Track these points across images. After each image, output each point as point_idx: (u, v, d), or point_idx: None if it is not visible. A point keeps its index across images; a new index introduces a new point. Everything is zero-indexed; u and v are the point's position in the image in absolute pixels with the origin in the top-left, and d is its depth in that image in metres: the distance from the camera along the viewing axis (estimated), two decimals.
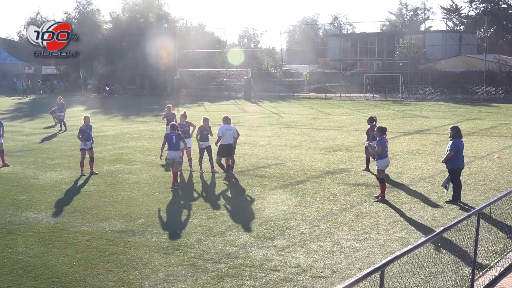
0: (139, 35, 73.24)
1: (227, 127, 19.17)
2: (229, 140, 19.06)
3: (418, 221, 14.06)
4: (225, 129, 19.10)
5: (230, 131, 19.17)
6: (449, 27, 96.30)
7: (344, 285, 6.08)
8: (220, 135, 18.98)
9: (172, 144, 18.01)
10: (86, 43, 75.20)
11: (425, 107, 50.76)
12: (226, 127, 19.18)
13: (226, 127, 19.17)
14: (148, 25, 78.24)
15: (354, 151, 25.00)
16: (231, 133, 19.21)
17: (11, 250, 12.15)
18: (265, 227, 13.72)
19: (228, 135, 19.06)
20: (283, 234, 13.19)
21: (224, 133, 18.98)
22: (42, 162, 23.22)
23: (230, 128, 19.22)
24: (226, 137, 19.01)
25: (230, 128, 19.22)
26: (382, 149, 15.91)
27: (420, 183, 18.44)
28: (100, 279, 10.49)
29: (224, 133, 18.98)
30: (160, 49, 73.05)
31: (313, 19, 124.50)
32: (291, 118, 41.71)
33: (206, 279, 10.44)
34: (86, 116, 21.00)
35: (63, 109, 35.78)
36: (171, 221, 14.35)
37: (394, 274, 9.45)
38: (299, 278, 10.45)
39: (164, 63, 73.64)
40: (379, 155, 16.03)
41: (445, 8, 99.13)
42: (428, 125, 35.42)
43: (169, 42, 74.30)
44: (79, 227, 13.87)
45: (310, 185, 18.19)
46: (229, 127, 19.24)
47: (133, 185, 18.54)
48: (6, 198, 16.88)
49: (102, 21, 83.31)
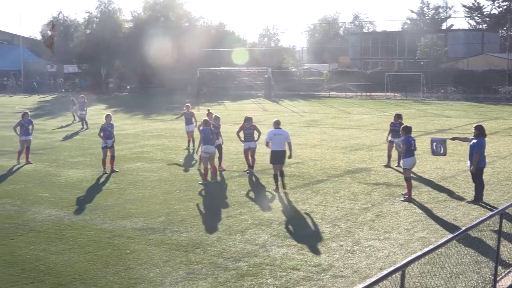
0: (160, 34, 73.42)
1: (276, 132, 17.53)
2: (280, 146, 17.38)
3: (440, 221, 13.98)
4: (274, 134, 17.46)
5: (280, 136, 17.46)
6: (471, 25, 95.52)
7: (365, 284, 6.05)
8: (268, 140, 17.52)
9: (209, 139, 18.34)
10: (107, 42, 75.69)
11: (447, 106, 50.40)
12: (275, 131, 17.54)
13: (275, 131, 17.54)
14: (168, 24, 78.45)
15: (374, 150, 24.89)
16: (282, 138, 17.46)
17: (33, 247, 12.26)
18: (285, 226, 13.72)
19: (278, 140, 17.38)
20: (303, 233, 13.18)
21: (273, 139, 17.39)
22: (64, 160, 23.41)
23: (280, 133, 17.51)
24: (276, 143, 17.36)
25: (280, 133, 17.51)
26: (407, 148, 15.89)
27: (442, 182, 18.32)
28: (121, 276, 10.55)
29: (272, 139, 17.40)
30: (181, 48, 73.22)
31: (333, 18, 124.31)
32: (311, 117, 41.63)
33: (226, 278, 10.46)
34: (108, 115, 21.14)
35: (85, 107, 36.05)
36: (191, 219, 14.39)
37: (415, 274, 9.40)
38: (319, 277, 10.44)
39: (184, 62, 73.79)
40: (404, 154, 16.04)
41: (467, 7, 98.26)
42: (449, 125, 35.17)
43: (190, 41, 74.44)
44: (101, 224, 13.96)
45: (331, 184, 18.15)
46: (279, 131, 17.55)
47: (153, 183, 18.63)
48: (29, 195, 17.04)
49: (123, 20, 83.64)
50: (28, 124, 22.74)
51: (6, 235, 13.13)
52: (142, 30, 75.74)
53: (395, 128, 20.77)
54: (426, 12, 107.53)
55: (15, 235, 13.14)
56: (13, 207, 15.66)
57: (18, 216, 14.76)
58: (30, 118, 23.09)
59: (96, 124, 36.40)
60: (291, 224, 13.85)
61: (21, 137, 22.55)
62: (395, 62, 77.89)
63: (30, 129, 22.94)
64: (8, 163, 22.50)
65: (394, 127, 20.85)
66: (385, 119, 37.84)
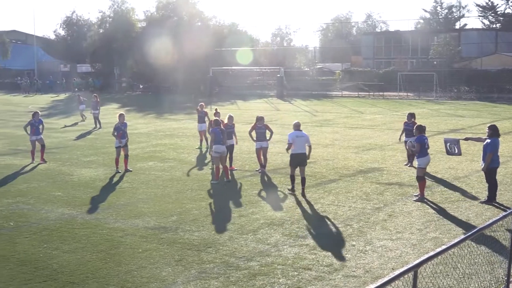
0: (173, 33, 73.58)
1: (297, 134, 17.10)
2: (301, 148, 16.99)
3: (452, 221, 13.92)
4: (295, 136, 17.01)
5: (301, 138, 17.04)
6: (485, 25, 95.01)
7: (377, 284, 6.04)
8: (291, 142, 17.00)
9: (220, 139, 18.47)
10: (120, 41, 75.96)
11: (460, 106, 50.16)
12: (297, 133, 17.11)
13: (296, 133, 17.10)
14: (181, 24, 78.61)
15: (387, 150, 24.82)
16: (303, 140, 17.06)
17: (47, 245, 12.33)
18: (297, 225, 13.71)
19: (299, 142, 16.97)
20: (315, 232, 13.17)
21: (295, 140, 16.95)
22: (77, 159, 23.52)
23: (301, 135, 17.11)
24: (298, 145, 16.96)
25: (301, 135, 17.11)
26: (421, 147, 15.87)
27: (455, 182, 18.25)
28: (133, 275, 10.59)
29: (294, 140, 16.95)
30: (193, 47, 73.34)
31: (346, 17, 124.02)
32: (323, 117, 41.58)
33: (238, 277, 10.47)
34: (121, 114, 21.22)
35: (98, 107, 36.19)
36: (204, 218, 14.41)
37: (428, 275, 9.38)
38: (331, 277, 10.42)
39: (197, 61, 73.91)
40: (419, 153, 16.03)
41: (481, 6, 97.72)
42: (462, 124, 35.01)
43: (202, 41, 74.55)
44: (113, 223, 14.02)
45: (343, 184, 18.12)
46: (300, 133, 17.14)
47: (166, 183, 18.68)
48: (42, 194, 17.13)
49: (136, 19, 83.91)
50: (38, 124, 22.81)
51: (19, 234, 13.21)
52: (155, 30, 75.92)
53: (408, 128, 20.80)
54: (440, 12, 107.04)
55: (28, 233, 13.22)
56: (26, 206, 15.76)
57: (31, 215, 14.85)
58: (40, 118, 23.16)
59: (109, 123, 36.54)
60: (303, 224, 13.84)
61: (31, 137, 22.67)
62: (408, 61, 77.63)
63: (41, 129, 22.97)
64: (21, 162, 22.63)
65: (408, 126, 20.87)
66: (398, 118, 37.73)
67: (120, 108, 51.42)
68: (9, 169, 21.22)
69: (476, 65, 66.01)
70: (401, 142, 22.14)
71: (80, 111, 40.37)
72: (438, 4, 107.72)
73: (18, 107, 53.28)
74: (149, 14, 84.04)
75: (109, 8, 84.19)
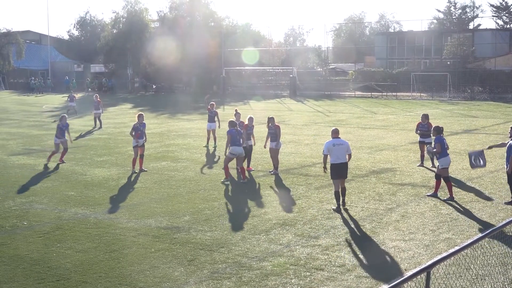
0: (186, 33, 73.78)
1: (335, 142, 15.35)
2: (340, 157, 15.23)
3: (465, 222, 13.86)
4: (333, 144, 15.30)
5: (340, 146, 15.31)
6: (499, 25, 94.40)
7: (390, 285, 6.03)
8: (326, 153, 15.43)
9: (236, 140, 18.59)
10: (133, 41, 76.24)
11: (473, 107, 49.93)
12: (335, 141, 15.37)
13: (334, 141, 15.36)
14: (194, 24, 78.77)
15: (400, 150, 24.75)
16: (343, 148, 15.32)
17: (60, 245, 12.39)
18: (309, 226, 13.71)
19: (338, 151, 15.24)
20: (327, 233, 13.16)
21: (332, 150, 15.22)
22: (90, 158, 23.61)
23: (340, 143, 15.39)
24: (337, 154, 15.20)
25: (340, 143, 15.39)
26: (441, 146, 15.93)
27: (468, 183, 18.17)
28: (146, 275, 10.62)
29: (332, 150, 15.23)
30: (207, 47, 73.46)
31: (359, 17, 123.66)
32: (336, 117, 41.51)
33: (251, 277, 10.48)
34: (140, 114, 21.29)
35: (100, 107, 36.20)
36: (216, 218, 14.43)
37: (440, 276, 9.35)
38: (344, 278, 10.41)
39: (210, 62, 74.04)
40: (440, 154, 16.00)
41: (495, 6, 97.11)
42: (476, 125, 34.85)
43: (215, 41, 74.67)
44: (126, 223, 14.06)
45: (355, 184, 18.08)
46: (338, 141, 15.41)
47: (179, 183, 18.72)
48: (56, 194, 17.21)
49: (149, 19, 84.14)
50: (65, 128, 22.70)
51: (33, 233, 13.29)
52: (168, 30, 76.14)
53: (423, 129, 20.78)
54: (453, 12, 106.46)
55: (42, 233, 13.29)
56: (40, 205, 15.84)
57: (45, 214, 14.93)
58: (67, 122, 23.04)
59: (121, 123, 36.73)
60: (315, 224, 13.83)
61: (56, 140, 22.56)
62: (421, 61, 77.33)
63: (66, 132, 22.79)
64: (35, 162, 22.76)
65: (422, 128, 20.83)
66: (411, 119, 37.62)
67: (133, 108, 51.61)
68: (23, 169, 21.34)
69: (489, 65, 65.66)
70: (413, 142, 22.05)
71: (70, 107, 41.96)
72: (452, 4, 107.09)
73: (32, 107, 53.56)
74: (162, 15, 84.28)
75: (123, 8, 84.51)
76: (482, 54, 71.10)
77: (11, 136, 31.24)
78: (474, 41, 74.99)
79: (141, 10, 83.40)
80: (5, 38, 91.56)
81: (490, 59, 66.78)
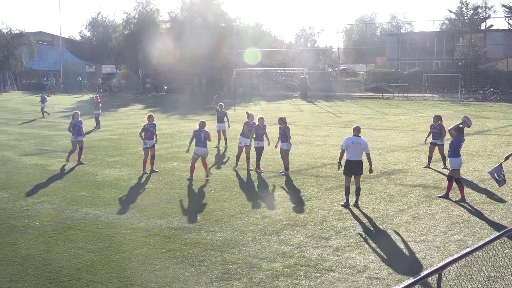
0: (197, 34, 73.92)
1: (353, 140, 15.46)
2: (356, 155, 15.41)
3: (477, 224, 13.80)
4: (351, 141, 15.41)
5: (358, 145, 15.40)
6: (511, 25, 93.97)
7: (400, 287, 6.01)
8: (344, 148, 15.50)
9: (201, 141, 19.11)
10: (145, 42, 76.45)
11: (485, 108, 49.73)
12: (353, 139, 15.48)
13: (353, 139, 15.48)
14: (205, 25, 78.91)
15: (411, 151, 24.68)
16: (359, 147, 15.42)
17: (71, 245, 12.43)
18: (320, 227, 13.69)
19: (354, 149, 15.37)
20: (338, 234, 13.14)
21: (349, 147, 15.35)
22: (101, 159, 23.68)
23: (358, 141, 15.46)
24: (352, 152, 15.38)
25: (358, 141, 15.46)
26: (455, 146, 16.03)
27: (480, 185, 18.09)
28: (157, 275, 10.64)
29: (349, 147, 15.36)
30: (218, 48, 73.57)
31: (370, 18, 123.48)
32: (347, 118, 41.45)
33: (261, 278, 10.48)
34: (150, 115, 21.31)
35: (99, 107, 36.30)
36: (227, 219, 14.44)
37: (452, 277, 9.32)
38: (355, 279, 10.39)
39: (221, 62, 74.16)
40: (451, 154, 15.93)
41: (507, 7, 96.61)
42: (488, 126, 34.70)
43: (226, 41, 74.76)
44: (137, 223, 14.10)
45: (366, 186, 18.04)
46: (357, 139, 15.48)
47: (189, 183, 18.73)
48: (67, 194, 17.28)
49: (160, 20, 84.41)
50: (80, 124, 22.71)
51: (44, 233, 13.34)
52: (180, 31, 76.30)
53: (435, 131, 20.77)
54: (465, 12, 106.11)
55: (53, 233, 13.34)
56: (51, 206, 15.91)
57: (56, 214, 14.99)
58: (80, 119, 23.04)
59: (132, 124, 36.82)
60: (326, 225, 13.80)
61: (72, 138, 22.57)
62: (433, 62, 77.12)
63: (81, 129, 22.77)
64: (47, 162, 22.86)
65: (435, 129, 20.82)
66: (422, 120, 37.51)
67: (144, 109, 51.74)
68: (35, 169, 21.44)
69: (502, 66, 65.39)
70: (427, 144, 22.02)
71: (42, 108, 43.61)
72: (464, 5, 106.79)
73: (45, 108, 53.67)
74: (174, 16, 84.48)
75: (134, 9, 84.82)
76: (494, 55, 70.84)
77: (23, 136, 31.39)
78: (486, 42, 74.71)
79: (152, 11, 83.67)
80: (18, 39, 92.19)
81: (502, 60, 66.50)
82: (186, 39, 72.94)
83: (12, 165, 22.30)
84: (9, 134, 32.66)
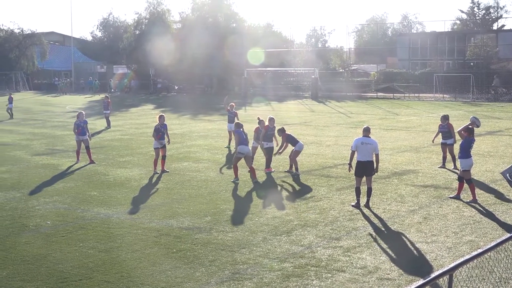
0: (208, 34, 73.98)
1: (363, 140, 15.46)
2: (366, 156, 15.36)
3: (489, 225, 13.74)
4: (361, 142, 15.42)
5: (368, 145, 15.36)
6: None
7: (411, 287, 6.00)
8: (354, 149, 15.60)
9: (244, 140, 18.87)
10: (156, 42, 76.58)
11: (497, 108, 49.50)
12: (363, 139, 15.47)
13: (363, 139, 15.48)
14: (216, 25, 78.98)
15: (422, 152, 24.60)
16: (370, 148, 15.36)
17: (82, 244, 12.48)
18: (331, 227, 13.67)
19: (365, 149, 15.35)
20: (349, 234, 13.12)
21: (359, 148, 15.38)
22: (112, 159, 23.75)
23: (368, 142, 15.41)
24: (363, 152, 15.37)
25: (368, 142, 15.41)
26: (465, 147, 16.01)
27: (491, 185, 18.01)
28: (167, 275, 10.67)
29: (359, 147, 15.40)
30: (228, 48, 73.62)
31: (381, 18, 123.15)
32: (358, 118, 41.37)
33: (272, 278, 10.48)
34: (161, 115, 21.36)
35: (109, 107, 36.71)
36: (237, 219, 14.45)
37: (463, 278, 9.28)
38: (365, 280, 10.37)
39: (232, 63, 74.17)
40: (462, 155, 15.88)
41: None
42: (500, 126, 34.54)
43: (237, 42, 74.77)
44: (148, 223, 14.13)
45: (377, 186, 17.99)
46: (367, 140, 15.45)
47: (200, 183, 18.76)
48: (79, 194, 17.34)
49: (171, 21, 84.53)
50: (84, 124, 22.88)
51: (56, 233, 13.40)
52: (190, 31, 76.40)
53: (444, 130, 20.75)
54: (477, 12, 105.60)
55: (65, 232, 13.40)
56: (63, 205, 15.97)
57: (67, 214, 15.05)
58: (85, 119, 23.26)
59: (143, 124, 36.91)
60: (337, 226, 13.79)
61: (76, 137, 22.79)
62: (444, 63, 76.80)
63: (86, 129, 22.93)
64: (59, 162, 22.95)
65: (443, 129, 20.80)
66: (434, 120, 37.36)
67: (155, 109, 51.83)
68: (46, 169, 21.54)
69: None
70: (435, 144, 21.98)
71: (8, 108, 43.79)
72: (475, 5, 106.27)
73: (56, 108, 54.05)
74: (185, 16, 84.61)
75: (145, 9, 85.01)
76: (506, 55, 70.50)
77: (34, 136, 31.55)
78: (498, 42, 74.33)
79: (163, 12, 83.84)
80: (30, 39, 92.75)
81: None
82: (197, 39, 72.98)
83: (23, 165, 22.42)
84: (21, 134, 32.83)
